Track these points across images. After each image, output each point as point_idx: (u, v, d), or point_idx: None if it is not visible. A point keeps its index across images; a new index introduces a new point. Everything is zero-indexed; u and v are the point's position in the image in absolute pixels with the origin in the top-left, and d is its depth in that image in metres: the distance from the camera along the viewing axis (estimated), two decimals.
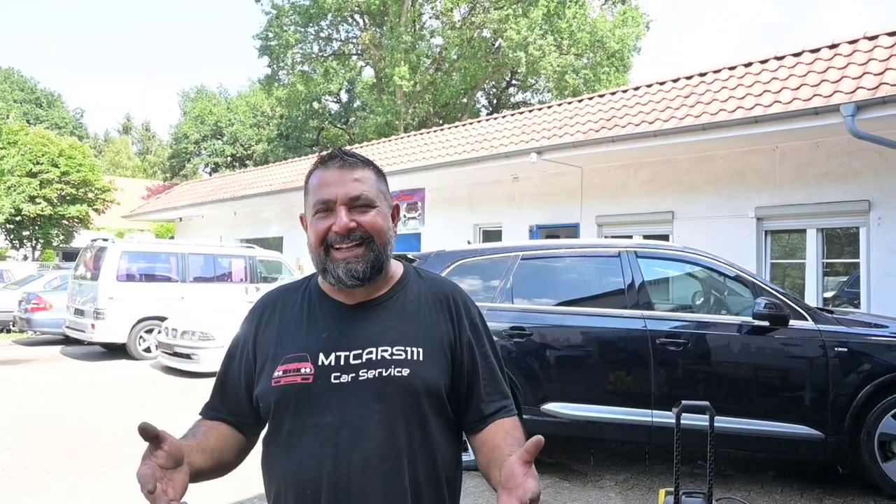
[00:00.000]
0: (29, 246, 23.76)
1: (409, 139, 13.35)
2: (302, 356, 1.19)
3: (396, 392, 1.17)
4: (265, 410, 1.22)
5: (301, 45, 26.77)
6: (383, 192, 1.29)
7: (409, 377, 1.18)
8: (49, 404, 6.79)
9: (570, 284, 5.00)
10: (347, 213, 1.20)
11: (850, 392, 4.03)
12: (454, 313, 1.31)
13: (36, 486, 4.29)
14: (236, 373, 1.28)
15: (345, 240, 1.20)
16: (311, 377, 1.17)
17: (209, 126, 39.05)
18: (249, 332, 1.29)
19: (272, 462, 1.22)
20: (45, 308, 11.49)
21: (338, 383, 1.17)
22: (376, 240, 1.22)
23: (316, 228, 1.22)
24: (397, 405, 1.17)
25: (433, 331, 1.25)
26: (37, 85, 44.77)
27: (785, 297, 4.37)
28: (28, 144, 21.92)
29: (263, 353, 1.24)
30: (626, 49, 24.33)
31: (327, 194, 1.21)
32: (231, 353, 1.31)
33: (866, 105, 6.23)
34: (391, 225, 1.29)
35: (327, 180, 1.22)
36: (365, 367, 1.17)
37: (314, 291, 1.30)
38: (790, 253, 8.31)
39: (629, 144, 8.13)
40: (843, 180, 7.35)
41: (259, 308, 1.32)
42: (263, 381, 1.21)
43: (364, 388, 1.16)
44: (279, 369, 1.19)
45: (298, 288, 1.33)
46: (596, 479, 4.53)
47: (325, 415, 1.16)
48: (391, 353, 1.19)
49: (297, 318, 1.26)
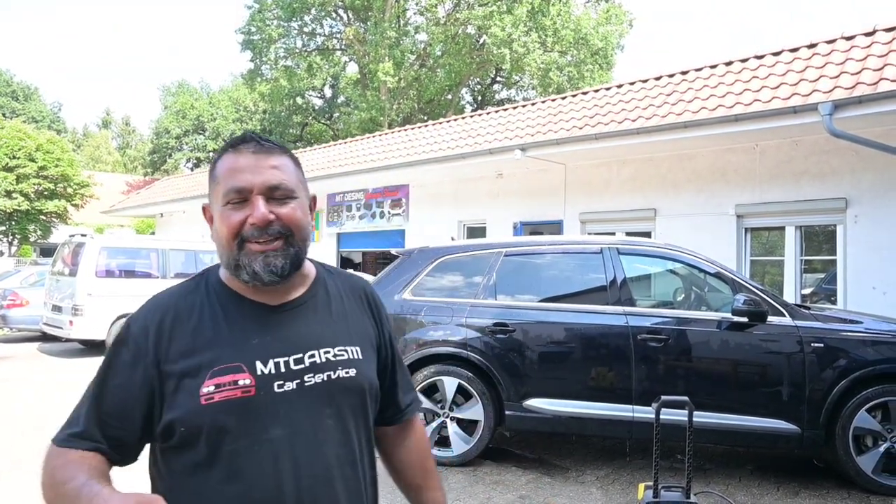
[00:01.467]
0: (5, 241, 23.36)
1: (394, 135, 13.31)
2: (235, 366, 1.05)
3: (346, 394, 1.14)
4: (189, 434, 1.04)
5: (284, 39, 26.56)
6: (302, 181, 1.18)
7: (357, 377, 1.16)
8: (29, 401, 6.68)
9: (552, 281, 5.03)
10: (266, 204, 1.09)
11: (826, 387, 4.11)
12: (374, 309, 1.30)
13: (8, 485, 4.22)
14: (127, 396, 1.06)
15: (262, 233, 1.08)
16: (251, 389, 1.05)
17: (191, 121, 38.62)
18: (146, 347, 1.07)
19: (206, 493, 1.04)
20: (22, 304, 11.29)
21: (283, 392, 1.07)
22: (296, 234, 1.12)
23: (229, 220, 1.08)
24: (348, 408, 1.14)
25: (361, 328, 1.24)
26: (13, 78, 43.90)
27: (764, 293, 4.43)
28: (4, 138, 21.52)
29: (176, 370, 1.05)
30: (609, 47, 24.48)
31: (242, 182, 1.08)
32: (110, 374, 1.08)
33: (843, 104, 6.33)
34: (310, 218, 1.19)
35: (241, 166, 1.10)
36: (310, 371, 1.10)
37: (222, 293, 1.14)
38: (769, 250, 8.42)
39: (612, 142, 8.17)
40: (822, 178, 7.46)
41: (152, 318, 1.10)
42: (183, 401, 1.04)
43: (312, 394, 1.10)
44: (208, 384, 1.03)
45: (195, 290, 1.15)
46: (577, 475, 4.56)
47: (275, 427, 1.06)
48: (334, 354, 1.14)
49: (213, 324, 1.10)
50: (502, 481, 4.38)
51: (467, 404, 4.68)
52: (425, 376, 4.74)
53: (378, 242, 13.50)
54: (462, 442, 4.68)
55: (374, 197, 13.19)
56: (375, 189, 13.08)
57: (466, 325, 4.72)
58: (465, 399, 4.70)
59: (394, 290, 5.04)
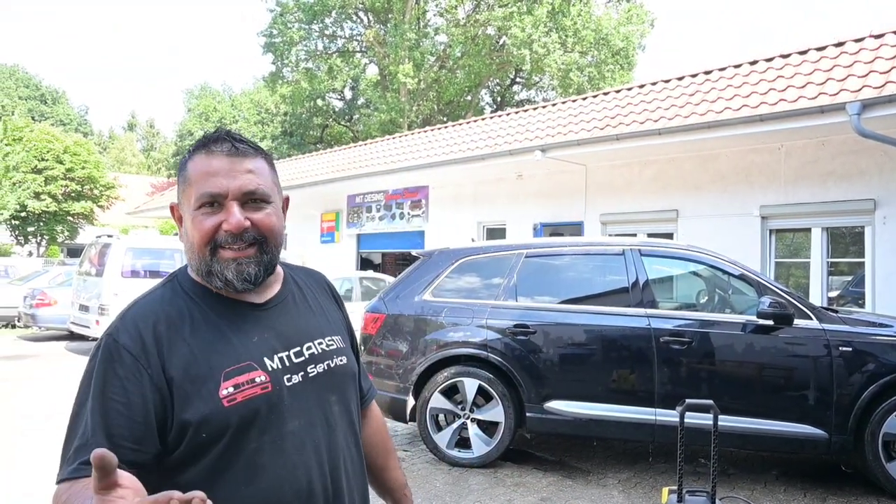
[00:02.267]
0: (34, 242, 23.85)
1: (413, 137, 13.34)
2: (247, 366, 1.05)
3: (344, 381, 1.21)
4: (210, 439, 1.01)
5: (305, 42, 26.76)
6: (276, 184, 1.16)
7: (348, 363, 1.22)
8: (55, 400, 6.82)
9: (573, 282, 5.00)
10: (241, 210, 1.06)
11: (855, 392, 4.03)
12: (336, 298, 1.35)
13: (37, 477, 4.31)
14: (137, 410, 0.98)
15: (237, 240, 1.06)
16: (268, 385, 1.06)
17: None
18: (144, 356, 1.01)
19: (222, 496, 0.99)
20: (50, 304, 11.52)
21: (291, 385, 1.09)
22: (270, 241, 1.10)
23: (202, 226, 1.06)
24: (346, 392, 1.21)
25: (335, 318, 1.29)
26: (41, 82, 44.93)
27: (789, 296, 4.36)
28: (33, 141, 21.98)
29: (184, 376, 1.01)
30: (630, 47, 24.26)
31: (216, 187, 1.05)
32: (109, 393, 0.99)
33: (872, 103, 6.20)
34: (283, 221, 1.18)
35: (215, 169, 1.06)
36: (310, 362, 1.14)
37: (205, 295, 1.11)
38: (795, 252, 8.28)
39: (634, 142, 8.11)
40: (849, 179, 7.32)
41: (144, 327, 1.04)
42: (201, 406, 1.00)
43: (317, 384, 1.14)
44: (225, 386, 1.02)
45: (176, 295, 1.10)
46: (599, 478, 4.53)
47: (293, 420, 1.08)
48: (326, 344, 1.19)
49: (209, 326, 1.07)
50: (523, 483, 4.36)
51: (488, 406, 4.67)
52: (446, 377, 4.74)
53: (398, 243, 13.54)
54: (483, 443, 4.68)
55: (393, 198, 13.23)
56: (395, 190, 13.12)
57: (487, 327, 4.71)
58: (485, 400, 4.70)
59: (414, 291, 5.05)
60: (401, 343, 4.95)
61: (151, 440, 0.99)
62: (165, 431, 1.01)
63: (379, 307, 5.12)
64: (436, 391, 4.75)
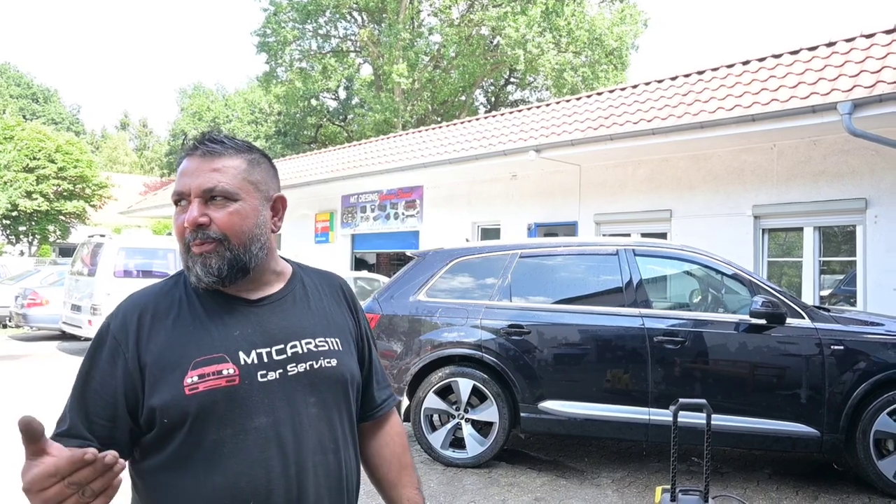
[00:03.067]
0: (25, 241, 23.71)
1: (408, 137, 13.33)
2: (218, 357, 1.07)
3: (328, 383, 1.17)
4: (172, 425, 1.04)
5: (299, 41, 26.71)
6: (254, 182, 1.15)
7: (338, 367, 1.19)
8: (46, 400, 6.78)
9: (568, 283, 5.01)
10: (201, 207, 1.09)
11: (846, 390, 4.05)
12: (350, 304, 1.33)
13: None
14: (109, 390, 1.06)
15: (196, 236, 1.09)
16: (236, 378, 1.07)
17: (207, 123, 38.98)
18: (125, 341, 1.08)
19: (185, 484, 1.05)
20: (42, 304, 11.46)
21: (266, 381, 1.09)
22: (231, 238, 1.10)
23: (175, 222, 1.13)
24: (330, 397, 1.17)
25: (339, 322, 1.27)
26: (33, 80, 44.65)
27: (782, 295, 4.38)
28: (24, 140, 21.86)
29: (156, 362, 1.06)
30: (624, 47, 24.34)
31: (181, 185, 1.12)
32: (92, 372, 1.08)
33: (863, 103, 6.24)
34: (264, 220, 1.16)
35: (187, 170, 1.12)
36: (292, 361, 1.13)
37: (203, 290, 1.14)
38: (787, 251, 8.33)
39: (627, 142, 8.13)
40: (841, 178, 7.36)
41: (131, 314, 1.11)
42: (165, 392, 1.04)
43: (295, 383, 1.12)
44: (191, 375, 1.05)
45: (174, 287, 1.16)
46: (593, 477, 4.54)
47: (260, 416, 1.07)
48: (315, 344, 1.17)
49: (194, 318, 1.11)
50: (517, 483, 4.37)
51: (482, 406, 4.68)
52: (440, 378, 4.74)
53: (392, 244, 13.54)
54: (477, 443, 4.68)
55: (388, 198, 13.22)
56: (390, 190, 13.11)
57: (481, 327, 4.72)
58: (479, 400, 4.70)
59: (408, 291, 5.05)
60: (395, 343, 4.94)
61: (123, 419, 1.06)
62: (137, 414, 1.07)
63: (373, 307, 5.11)
64: (430, 391, 4.75)
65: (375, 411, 1.34)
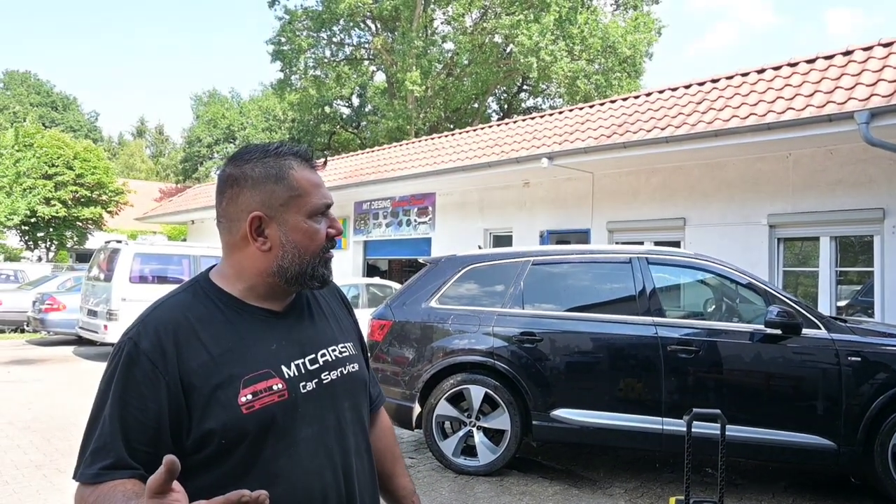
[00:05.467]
0: (43, 247, 24.03)
1: (420, 144, 13.38)
2: (265, 373, 1.08)
3: (356, 387, 1.24)
4: (229, 445, 1.04)
5: (313, 49, 26.93)
6: None
7: (360, 371, 1.26)
8: (61, 404, 6.85)
9: (580, 290, 4.99)
10: None
11: (864, 402, 3.99)
12: (347, 305, 1.39)
13: (47, 485, 4.33)
14: (152, 416, 1.01)
15: (333, 245, 1.22)
16: (285, 392, 1.09)
17: (221, 130, 39.37)
18: (163, 364, 1.03)
19: None
20: (59, 309, 11.60)
21: (306, 392, 1.13)
22: None
23: (321, 233, 1.18)
24: (358, 398, 1.24)
25: (347, 325, 1.32)
26: (53, 88, 45.35)
27: (798, 305, 4.34)
28: (43, 147, 22.19)
29: (204, 383, 1.04)
30: (638, 55, 24.28)
31: (326, 197, 1.19)
32: (129, 397, 1.02)
33: (881, 112, 6.18)
34: None
35: (319, 181, 1.19)
36: (324, 369, 1.17)
37: (228, 302, 1.13)
38: (803, 261, 8.24)
39: (641, 151, 8.11)
40: (857, 188, 7.29)
41: (164, 332, 1.06)
42: (221, 413, 1.03)
43: (331, 390, 1.17)
44: (244, 393, 1.05)
45: (198, 300, 1.12)
46: (605, 487, 4.50)
47: (307, 427, 1.11)
48: (339, 351, 1.22)
49: (230, 333, 1.10)
50: (529, 492, 4.35)
51: (494, 413, 4.66)
52: (452, 385, 4.74)
53: (404, 250, 13.57)
54: (489, 451, 4.67)
55: (400, 205, 13.26)
56: (402, 197, 13.15)
57: (493, 334, 4.71)
58: (491, 408, 4.69)
59: (421, 298, 5.06)
60: (407, 350, 4.95)
61: (166, 445, 1.02)
62: (181, 436, 1.04)
63: (385, 314, 5.13)
64: (442, 398, 4.74)
65: (373, 406, 1.40)
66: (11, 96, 42.46)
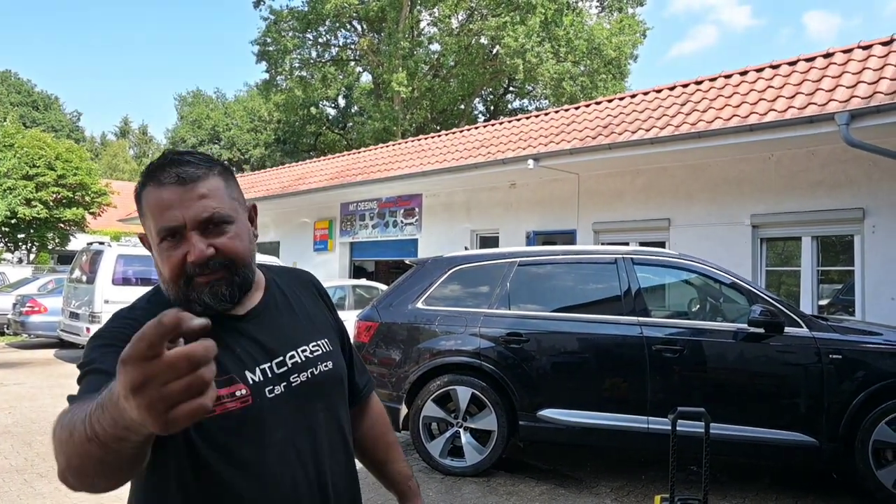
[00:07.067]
0: (24, 249, 23.68)
1: (407, 145, 13.38)
2: (227, 378, 1.04)
3: (330, 386, 1.19)
4: (188, 452, 1.02)
5: (299, 50, 26.83)
6: (235, 198, 1.12)
7: (334, 368, 1.21)
8: (42, 407, 6.76)
9: (566, 291, 5.02)
10: (202, 239, 1.04)
11: (845, 399, 4.05)
12: (324, 298, 1.34)
13: (28, 490, 4.27)
14: None
15: (204, 269, 1.04)
16: (248, 398, 1.06)
17: (206, 130, 39.08)
18: None
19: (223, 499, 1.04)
20: (40, 311, 11.44)
21: (273, 396, 1.09)
22: (238, 263, 1.08)
23: (169, 261, 1.04)
24: (332, 398, 1.20)
25: (322, 320, 1.28)
26: (34, 87, 44.73)
27: (780, 304, 4.39)
28: (24, 147, 21.86)
29: None
30: (623, 57, 24.47)
31: (172, 219, 1.03)
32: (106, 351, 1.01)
33: (861, 114, 6.28)
34: (250, 234, 1.14)
35: (167, 201, 1.03)
36: (293, 371, 1.13)
37: (186, 310, 1.12)
38: (785, 260, 8.35)
39: (626, 152, 8.17)
40: (838, 188, 7.39)
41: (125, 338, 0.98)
42: None
43: (301, 393, 1.13)
44: None
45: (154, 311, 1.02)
46: (592, 486, 4.53)
47: (275, 431, 1.08)
48: (310, 350, 1.18)
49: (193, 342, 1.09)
50: (516, 492, 4.36)
51: (480, 414, 4.67)
52: (438, 386, 4.74)
53: (391, 252, 13.54)
54: (475, 452, 4.67)
55: (387, 206, 13.24)
56: (388, 198, 13.13)
57: (480, 335, 4.72)
58: (478, 409, 4.69)
59: (407, 299, 5.05)
60: (394, 351, 4.94)
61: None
62: None
63: (372, 315, 5.12)
64: (429, 399, 4.74)
65: (358, 397, 1.37)
66: None
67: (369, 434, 1.39)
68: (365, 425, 1.39)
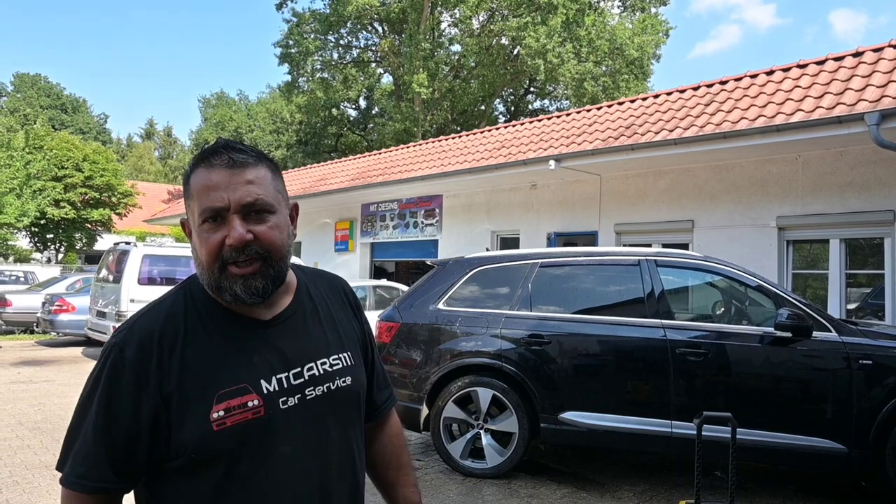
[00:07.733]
0: (53, 249, 24.20)
1: (427, 146, 13.39)
2: (242, 388, 1.03)
3: (345, 403, 1.16)
4: (199, 460, 1.02)
5: (321, 52, 27.05)
6: (280, 191, 1.12)
7: (353, 384, 1.17)
8: (71, 404, 6.89)
9: (589, 292, 4.98)
10: (242, 223, 1.04)
11: (875, 405, 3.96)
12: (354, 306, 1.30)
13: (57, 487, 4.34)
14: (134, 428, 1.02)
15: (241, 254, 1.04)
16: (261, 409, 1.04)
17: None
18: (146, 374, 1.02)
19: None
20: (68, 310, 11.68)
21: (287, 408, 1.07)
22: (274, 255, 1.07)
23: (207, 242, 1.04)
24: (346, 415, 1.16)
25: (348, 330, 1.24)
26: (63, 91, 45.70)
27: (808, 307, 4.31)
28: (53, 149, 22.37)
29: (179, 392, 1.02)
30: (645, 57, 24.23)
31: (217, 200, 1.03)
32: (115, 405, 1.02)
33: (891, 114, 6.14)
34: (290, 231, 1.13)
35: (215, 183, 1.04)
36: (310, 384, 1.10)
37: (212, 309, 1.09)
38: (812, 263, 8.19)
39: (648, 153, 8.08)
40: (868, 190, 7.24)
41: (147, 341, 1.04)
42: (193, 427, 1.01)
43: (314, 407, 1.10)
44: (217, 409, 1.01)
45: (183, 308, 1.09)
46: (614, 490, 4.49)
47: (284, 444, 1.06)
48: (330, 364, 1.15)
49: (210, 343, 1.06)
50: (537, 495, 4.34)
51: (502, 416, 4.66)
52: (459, 387, 4.73)
53: (411, 252, 13.58)
54: (496, 454, 4.66)
55: (407, 207, 13.28)
56: (409, 199, 13.17)
57: (501, 336, 4.71)
58: (499, 410, 4.68)
59: (428, 300, 5.06)
60: (415, 352, 4.95)
61: (145, 452, 1.04)
62: (159, 445, 1.04)
63: (393, 316, 5.13)
64: (449, 401, 4.74)
65: (376, 413, 1.34)
66: (22, 99, 42.83)
67: (383, 452, 1.35)
68: (379, 442, 1.35)
